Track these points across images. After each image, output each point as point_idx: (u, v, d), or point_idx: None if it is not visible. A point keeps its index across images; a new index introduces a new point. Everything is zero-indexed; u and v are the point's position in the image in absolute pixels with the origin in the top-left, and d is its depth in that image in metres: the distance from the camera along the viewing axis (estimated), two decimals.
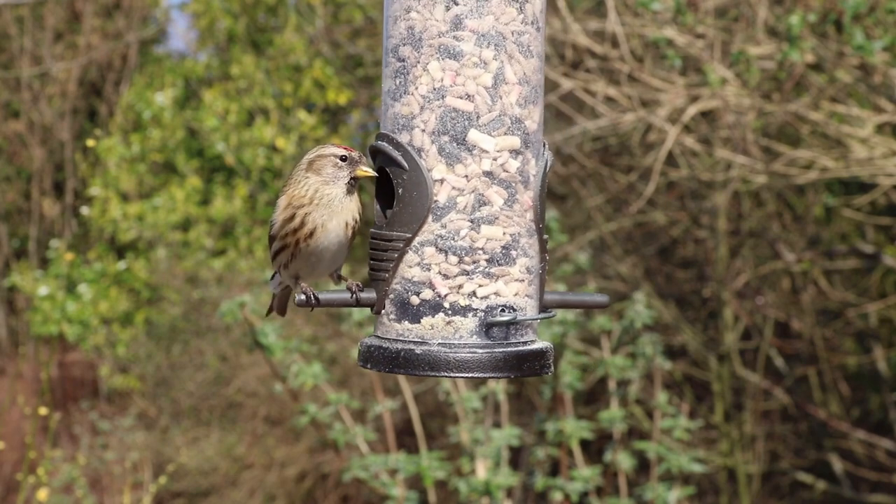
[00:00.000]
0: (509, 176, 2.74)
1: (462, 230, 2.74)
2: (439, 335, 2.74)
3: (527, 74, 2.75)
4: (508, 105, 2.74)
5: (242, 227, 15.01)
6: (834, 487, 9.86)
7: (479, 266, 2.74)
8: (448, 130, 2.73)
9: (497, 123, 2.73)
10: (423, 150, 2.74)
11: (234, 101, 15.30)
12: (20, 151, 17.43)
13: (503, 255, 2.75)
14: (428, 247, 2.75)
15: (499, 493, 6.45)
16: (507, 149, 2.74)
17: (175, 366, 12.86)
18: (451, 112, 2.73)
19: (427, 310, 2.75)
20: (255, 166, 15.15)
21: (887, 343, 10.06)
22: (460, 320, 2.73)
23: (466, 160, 2.73)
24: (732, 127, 7.79)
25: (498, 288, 2.74)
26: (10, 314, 17.28)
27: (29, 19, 17.11)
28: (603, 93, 7.58)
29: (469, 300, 2.73)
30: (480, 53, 2.72)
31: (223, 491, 11.38)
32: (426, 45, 2.73)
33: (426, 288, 2.75)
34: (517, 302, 2.76)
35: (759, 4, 7.10)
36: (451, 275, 2.74)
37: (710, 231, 10.02)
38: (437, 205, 2.74)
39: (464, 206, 2.73)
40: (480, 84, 2.72)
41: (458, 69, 2.72)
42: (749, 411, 10.03)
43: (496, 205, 2.74)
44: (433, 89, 2.73)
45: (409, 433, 8.84)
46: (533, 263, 2.80)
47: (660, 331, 9.74)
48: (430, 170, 2.73)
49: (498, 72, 2.72)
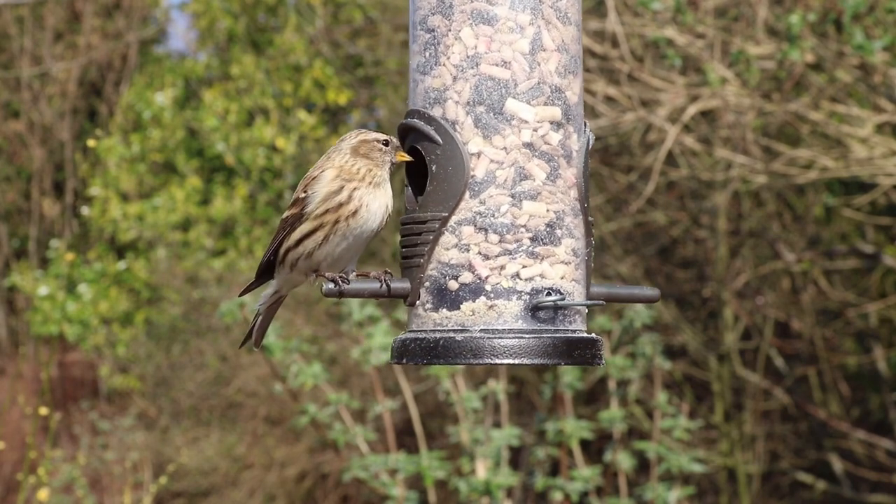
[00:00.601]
0: (551, 149, 2.56)
1: (503, 206, 2.54)
2: (481, 321, 2.53)
3: (566, 42, 2.58)
4: (547, 73, 2.56)
5: (242, 227, 15.00)
6: (834, 487, 9.85)
7: (522, 245, 2.54)
8: (484, 100, 2.55)
9: (536, 91, 2.55)
10: (457, 122, 2.56)
11: (234, 101, 15.30)
12: (20, 151, 17.43)
13: (548, 233, 2.55)
14: (466, 226, 2.55)
15: (499, 493, 6.45)
16: (547, 119, 2.56)
17: (175, 366, 12.85)
18: (486, 80, 2.55)
19: (467, 294, 2.55)
20: (255, 166, 15.15)
21: (887, 343, 10.06)
22: (504, 304, 2.53)
23: (505, 131, 2.54)
24: (732, 127, 7.79)
25: (543, 269, 2.54)
26: (10, 314, 17.27)
27: (29, 19, 17.10)
28: (603, 92, 7.57)
29: (512, 282, 2.53)
30: (516, 17, 2.55)
31: (223, 491, 11.38)
32: (457, 12, 2.56)
33: (465, 271, 2.55)
34: (564, 286, 2.56)
35: (759, 4, 7.10)
36: (493, 255, 2.54)
37: (710, 231, 10.02)
38: (474, 180, 2.55)
39: (504, 179, 2.54)
40: (517, 50, 2.55)
41: (492, 35, 2.55)
42: (749, 411, 10.03)
43: (538, 179, 2.55)
44: (466, 57, 2.56)
45: (409, 433, 8.83)
46: (579, 246, 2.59)
47: (660, 331, 9.73)
48: (465, 143, 2.55)
49: (535, 37, 2.55)
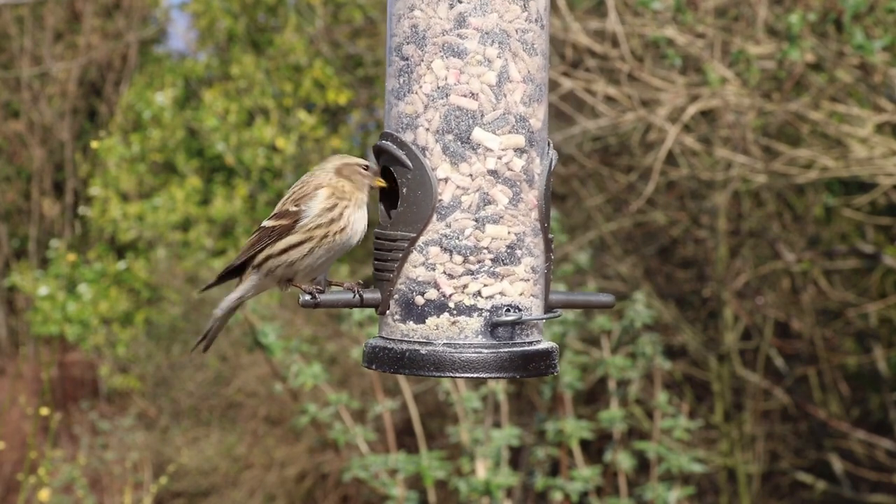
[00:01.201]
0: (514, 175, 2.72)
1: (467, 229, 2.72)
2: (444, 335, 2.72)
3: (531, 72, 2.74)
4: (513, 103, 2.72)
5: (242, 227, 15.00)
6: (834, 487, 9.85)
7: (484, 265, 2.72)
8: (452, 129, 2.71)
9: (501, 122, 2.71)
10: (427, 148, 2.72)
11: (234, 101, 15.30)
12: (20, 151, 17.43)
13: (508, 254, 2.73)
14: (433, 246, 2.72)
15: (499, 493, 6.45)
16: (511, 147, 2.72)
17: (175, 366, 12.85)
18: (455, 110, 2.71)
19: (432, 310, 2.73)
20: (255, 166, 15.15)
21: (887, 343, 10.06)
22: (465, 320, 2.71)
23: (471, 159, 2.71)
24: (732, 126, 7.79)
25: (503, 287, 2.72)
26: (10, 314, 17.27)
27: (29, 19, 17.10)
28: (603, 92, 7.57)
29: (474, 300, 2.71)
30: (484, 51, 2.70)
31: (223, 491, 11.38)
32: (430, 44, 2.72)
33: (431, 288, 2.73)
34: (522, 302, 2.74)
35: (759, 4, 7.10)
36: (456, 274, 2.72)
37: (710, 231, 10.02)
38: (441, 204, 2.72)
39: (468, 204, 2.71)
40: (484, 82, 2.71)
41: (462, 67, 2.70)
42: (749, 411, 10.03)
43: (501, 203, 2.72)
44: (437, 88, 2.71)
45: (409, 433, 8.83)
46: (538, 263, 2.77)
47: (660, 331, 9.73)
48: (434, 169, 2.71)
49: (502, 70, 2.71)
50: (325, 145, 15.10)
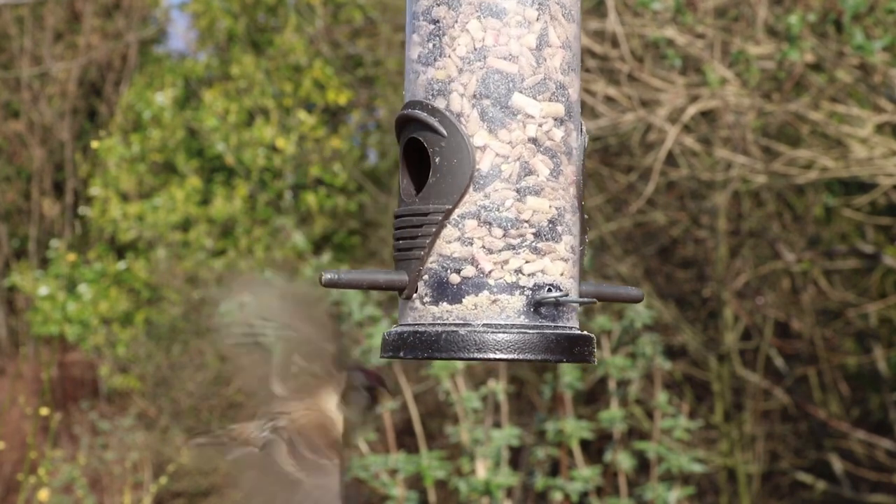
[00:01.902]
0: (554, 145, 2.56)
1: (507, 200, 2.52)
2: (484, 315, 2.50)
3: (569, 39, 2.59)
4: (553, 69, 2.56)
5: (242, 227, 15.00)
6: (834, 487, 9.86)
7: (525, 240, 2.53)
8: (490, 93, 2.54)
9: (542, 87, 2.55)
10: (462, 114, 2.54)
11: (234, 101, 15.30)
12: (20, 151, 17.43)
13: (550, 229, 2.55)
14: (469, 219, 2.53)
15: (499, 493, 6.45)
16: (552, 116, 2.56)
17: (175, 366, 12.85)
18: (493, 73, 2.54)
19: (469, 288, 2.51)
20: (255, 166, 15.15)
21: (887, 343, 10.06)
22: (507, 298, 2.51)
23: (511, 125, 2.54)
24: (732, 127, 7.79)
25: (545, 265, 2.54)
26: (10, 314, 17.28)
27: (29, 19, 17.10)
28: (603, 93, 7.58)
29: (515, 277, 2.52)
30: (524, 12, 2.54)
31: (223, 491, 11.38)
32: (465, 4, 2.55)
33: (468, 264, 2.52)
34: (562, 282, 2.56)
35: (759, 4, 7.10)
36: (496, 249, 2.52)
37: (710, 231, 10.02)
38: (479, 173, 2.53)
39: (509, 174, 2.53)
40: (524, 44, 2.55)
41: (500, 28, 2.54)
42: (749, 411, 10.03)
43: (542, 174, 2.55)
44: (474, 49, 2.54)
45: (409, 433, 8.83)
46: (576, 243, 2.60)
47: (660, 331, 9.74)
48: (471, 136, 2.53)
49: (542, 33, 2.55)
50: (325, 145, 15.11)
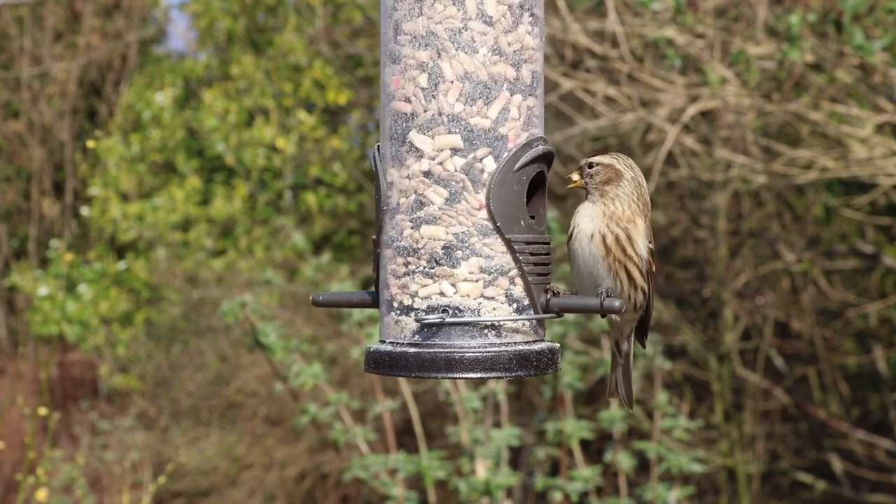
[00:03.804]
0: (449, 175, 2.75)
1: (405, 230, 2.77)
2: (391, 334, 2.80)
3: (469, 71, 2.73)
4: (446, 104, 2.74)
5: (242, 227, 15.00)
6: (834, 487, 9.85)
7: (420, 266, 2.76)
8: (394, 134, 2.78)
9: (433, 123, 2.75)
10: (385, 155, 2.81)
11: (234, 101, 15.30)
12: (20, 151, 17.43)
13: (445, 254, 2.76)
14: (387, 248, 2.81)
15: (499, 493, 6.45)
16: (447, 147, 2.75)
17: (175, 366, 12.85)
18: (395, 115, 2.78)
19: (386, 309, 2.82)
20: (255, 166, 15.15)
21: (887, 343, 10.06)
22: (405, 320, 2.78)
23: (408, 161, 2.77)
24: (732, 127, 7.79)
25: (442, 288, 2.75)
26: (10, 314, 17.28)
27: (29, 19, 17.10)
28: (603, 93, 7.57)
29: (412, 300, 2.76)
30: (415, 55, 2.75)
31: (223, 491, 11.38)
32: (383, 54, 2.82)
33: (385, 288, 2.82)
34: (465, 303, 2.75)
35: (759, 4, 7.10)
36: (399, 274, 2.78)
37: (710, 231, 10.02)
38: (388, 206, 2.80)
39: (406, 206, 2.77)
40: (417, 85, 2.75)
41: (400, 72, 2.77)
42: (749, 411, 10.03)
43: (436, 204, 2.76)
44: (386, 94, 2.81)
45: (409, 433, 8.84)
46: (492, 264, 2.76)
47: (660, 331, 9.74)
48: (385, 172, 2.81)
49: (432, 71, 2.74)
50: (325, 145, 15.10)
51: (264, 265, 13.55)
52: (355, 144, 15.66)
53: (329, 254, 9.56)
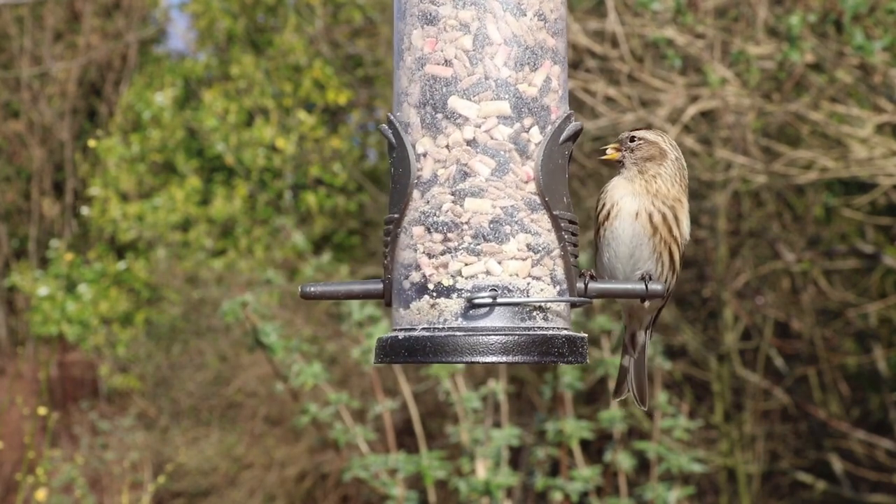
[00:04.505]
0: (497, 144, 2.56)
1: (444, 204, 2.56)
2: (424, 320, 2.57)
3: (517, 34, 2.57)
4: (493, 67, 2.57)
5: (242, 227, 15.00)
6: (834, 487, 9.86)
7: (463, 242, 2.55)
8: (429, 100, 2.58)
9: (479, 87, 2.57)
10: (409, 124, 2.60)
11: (234, 101, 15.30)
12: (20, 151, 17.43)
13: (492, 230, 2.56)
14: (415, 226, 2.58)
15: (499, 493, 6.45)
16: (493, 114, 2.57)
17: (175, 366, 12.86)
18: (430, 80, 2.58)
19: (414, 294, 2.58)
20: (255, 166, 15.15)
21: (887, 343, 10.06)
22: (444, 302, 2.55)
23: (447, 129, 2.57)
24: (732, 127, 7.79)
25: (488, 266, 2.55)
26: (10, 314, 17.27)
27: (29, 19, 17.10)
28: (603, 93, 7.58)
29: (453, 280, 2.55)
30: (458, 15, 2.57)
31: (223, 491, 11.38)
32: (409, 16, 2.61)
33: (414, 270, 2.58)
34: (514, 282, 2.56)
35: (759, 4, 7.10)
36: (436, 253, 2.56)
37: (710, 231, 10.02)
38: (420, 179, 2.58)
39: (445, 178, 2.57)
40: (459, 47, 2.57)
41: (436, 34, 2.58)
42: (749, 411, 10.03)
43: (482, 175, 2.56)
44: (415, 59, 2.60)
45: (409, 433, 8.83)
46: (539, 241, 2.59)
47: (660, 331, 9.74)
48: (413, 143, 2.59)
49: (478, 32, 2.56)
50: (324, 145, 15.10)
51: (264, 265, 13.55)
52: (355, 144, 15.66)
53: (329, 254, 9.56)
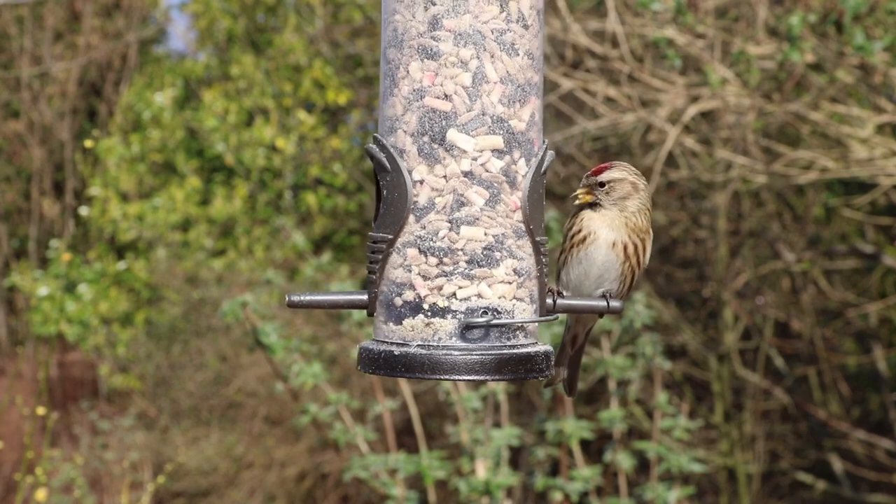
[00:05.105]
0: (491, 176, 2.73)
1: (441, 231, 2.73)
2: (419, 337, 2.73)
3: (510, 73, 2.74)
4: (489, 104, 2.73)
5: (242, 227, 15.00)
6: (834, 487, 9.86)
7: (458, 267, 2.72)
8: (427, 131, 2.73)
9: (476, 122, 2.72)
10: (404, 150, 2.74)
11: (234, 101, 15.30)
12: (20, 151, 17.43)
13: (485, 256, 2.74)
14: (410, 248, 2.74)
15: (499, 493, 6.45)
16: (488, 148, 2.73)
17: (175, 366, 12.86)
18: (430, 112, 2.73)
19: (408, 311, 2.74)
20: (254, 166, 15.15)
21: (887, 343, 10.06)
22: (439, 322, 2.72)
23: (445, 160, 2.72)
24: (732, 127, 7.79)
25: (480, 290, 2.73)
26: (10, 314, 17.28)
27: (29, 19, 17.10)
28: (603, 93, 7.58)
29: (448, 301, 2.72)
30: (458, 53, 2.71)
31: (223, 491, 11.38)
32: (407, 47, 2.74)
33: (407, 289, 2.74)
34: (502, 304, 2.74)
35: (759, 4, 7.11)
36: (431, 276, 2.73)
37: (710, 231, 10.02)
38: (416, 205, 2.73)
39: (443, 206, 2.73)
40: (459, 83, 2.72)
41: (436, 69, 2.72)
42: (749, 411, 10.03)
43: (476, 205, 2.73)
44: (413, 90, 2.74)
45: (409, 433, 8.84)
46: (523, 266, 2.77)
47: (660, 331, 9.74)
48: (410, 171, 2.73)
49: (477, 70, 2.72)
50: (324, 145, 15.10)
51: (264, 265, 13.55)
52: (355, 144, 15.66)
53: (329, 254, 9.56)
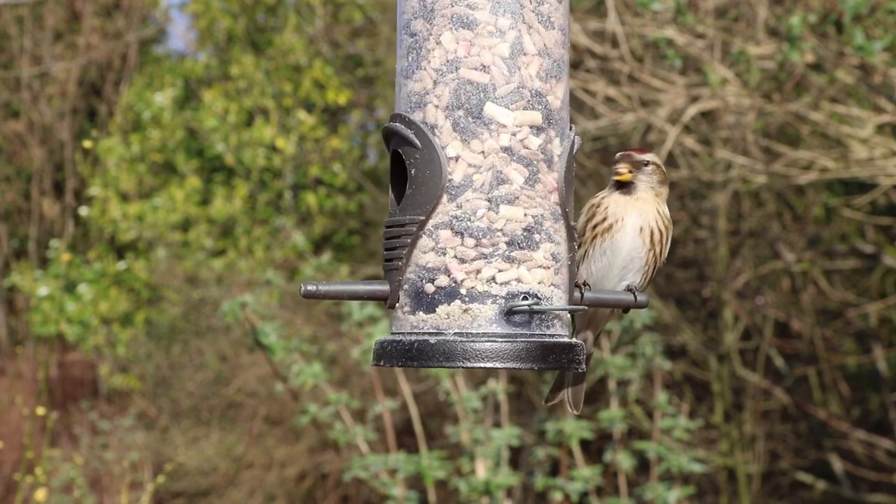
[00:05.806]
0: (530, 153, 2.56)
1: (479, 210, 2.54)
2: (456, 324, 2.53)
3: (548, 46, 2.58)
4: (528, 77, 2.56)
5: (242, 227, 15.00)
6: (834, 487, 9.86)
7: (498, 249, 2.54)
8: (462, 104, 2.55)
9: (515, 96, 2.55)
10: (436, 126, 2.56)
11: (234, 101, 15.30)
12: (20, 151, 17.43)
13: (525, 237, 2.56)
14: (443, 229, 2.55)
15: (499, 493, 6.45)
16: (527, 124, 2.56)
17: (175, 366, 12.86)
18: (465, 84, 2.55)
19: (442, 297, 2.54)
20: (254, 166, 15.15)
21: (887, 343, 10.06)
22: (478, 307, 2.53)
23: (483, 135, 2.55)
24: (732, 127, 7.79)
25: (520, 274, 2.55)
26: (10, 314, 17.27)
27: (29, 19, 17.10)
28: (603, 93, 7.58)
29: (488, 286, 2.53)
30: (496, 21, 2.55)
31: (223, 491, 11.38)
32: (438, 16, 2.56)
33: (441, 274, 2.55)
34: (541, 290, 2.56)
35: (759, 4, 7.11)
36: (469, 259, 2.54)
37: (710, 231, 10.02)
38: (451, 183, 2.54)
39: (480, 184, 2.54)
40: (496, 54, 2.55)
41: (472, 39, 2.55)
42: (749, 411, 10.03)
43: (516, 183, 2.56)
44: (446, 62, 2.55)
45: (409, 433, 8.84)
46: (559, 250, 2.60)
47: (660, 331, 9.74)
48: (443, 147, 2.55)
49: (515, 41, 2.55)
50: (324, 145, 15.10)
51: (264, 265, 13.55)
52: (355, 144, 15.67)
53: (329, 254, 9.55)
